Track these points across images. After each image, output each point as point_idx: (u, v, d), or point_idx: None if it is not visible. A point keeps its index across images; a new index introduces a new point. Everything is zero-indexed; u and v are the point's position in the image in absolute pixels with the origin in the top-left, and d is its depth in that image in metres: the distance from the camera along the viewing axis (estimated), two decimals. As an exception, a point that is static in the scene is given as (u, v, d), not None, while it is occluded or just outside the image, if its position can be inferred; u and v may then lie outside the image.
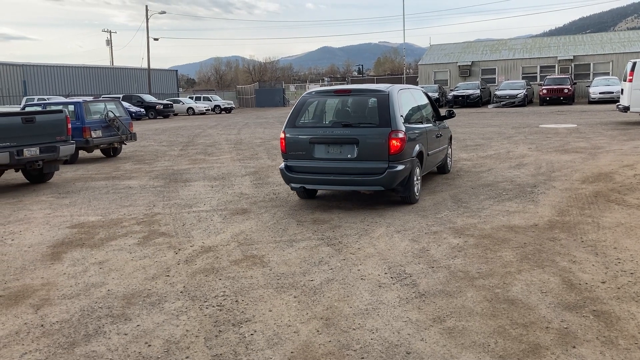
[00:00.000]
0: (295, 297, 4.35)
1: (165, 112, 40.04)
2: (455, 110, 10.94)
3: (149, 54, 47.65)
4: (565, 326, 3.67)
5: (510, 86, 34.97)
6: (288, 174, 7.33)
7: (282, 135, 7.40)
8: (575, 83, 35.78)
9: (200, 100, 48.85)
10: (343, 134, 7.03)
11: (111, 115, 13.95)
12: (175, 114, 42.82)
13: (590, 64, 40.07)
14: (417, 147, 7.41)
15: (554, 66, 40.85)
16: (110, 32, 60.74)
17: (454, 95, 34.95)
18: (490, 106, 34.21)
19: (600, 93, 31.71)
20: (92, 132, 13.33)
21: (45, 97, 33.08)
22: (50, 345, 3.65)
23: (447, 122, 9.94)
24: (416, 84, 44.13)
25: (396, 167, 6.88)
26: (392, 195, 7.84)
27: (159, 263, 5.34)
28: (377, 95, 7.28)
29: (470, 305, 4.08)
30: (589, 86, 33.98)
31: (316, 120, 7.68)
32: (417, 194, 7.56)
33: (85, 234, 6.56)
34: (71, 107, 13.33)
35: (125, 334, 3.78)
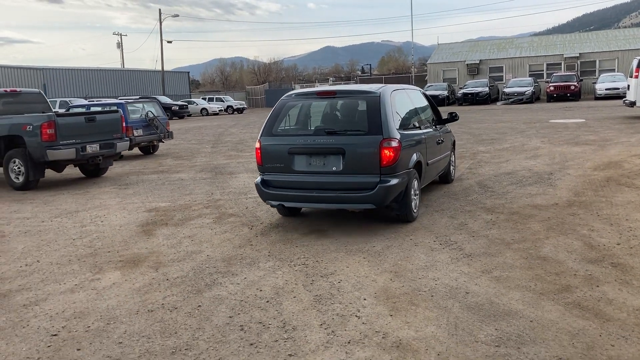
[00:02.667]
0: (364, 258, 5.31)
1: (180, 113, 41.08)
2: (465, 107, 11.45)
3: (162, 56, 48.78)
4: (589, 273, 4.62)
5: (518, 84, 35.84)
6: (264, 189, 6.33)
7: (257, 145, 6.39)
8: (581, 80, 36.61)
9: (213, 101, 49.88)
10: (327, 143, 6.03)
11: (151, 115, 14.96)
12: (189, 115, 43.86)
13: (596, 60, 40.90)
14: (414, 157, 6.43)
15: (560, 63, 41.69)
16: (120, 35, 61.95)
17: (463, 93, 35.84)
18: (498, 103, 35.10)
19: (606, 89, 32.55)
20: (134, 130, 14.33)
21: (67, 99, 34.14)
22: (181, 292, 4.62)
23: (449, 126, 9.15)
24: (425, 82, 45.04)
25: (389, 181, 5.89)
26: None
27: (240, 236, 6.31)
28: (367, 98, 6.27)
29: (510, 261, 5.03)
30: (595, 83, 34.84)
31: (296, 127, 6.66)
32: (415, 210, 6.54)
33: (164, 216, 7.55)
34: (114, 108, 14.31)
35: (238, 284, 4.75)
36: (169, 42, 50.49)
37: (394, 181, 5.95)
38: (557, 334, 3.56)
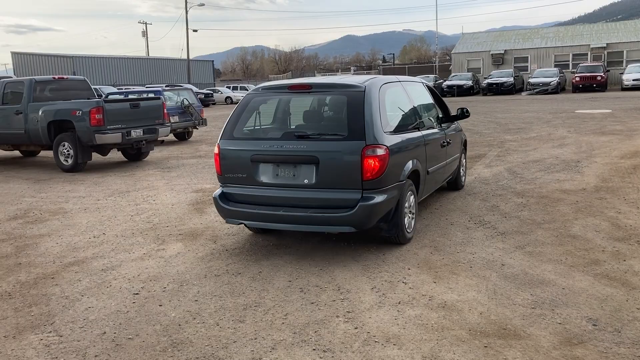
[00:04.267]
0: (405, 234, 5.75)
1: (206, 102, 41.65)
2: (490, 97, 11.31)
3: (188, 44, 49.42)
4: (616, 250, 5.00)
5: (544, 74, 35.71)
6: (223, 205, 5.22)
7: (216, 150, 5.36)
8: (608, 70, 36.33)
9: (237, 89, 50.47)
10: (297, 150, 4.94)
11: (186, 102, 15.52)
12: (214, 103, 44.50)
13: (623, 51, 40.49)
14: (409, 165, 5.31)
15: (586, 54, 41.36)
16: (145, 23, 62.82)
17: (488, 83, 35.86)
18: (523, 93, 35.06)
19: (634, 80, 32.33)
20: (170, 117, 14.89)
21: (96, 87, 34.94)
22: (241, 260, 5.11)
23: (458, 124, 7.71)
24: (449, 72, 45.04)
25: (373, 198, 4.78)
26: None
27: (285, 214, 6.79)
28: (348, 94, 5.09)
29: (541, 239, 5.43)
30: (622, 73, 34.58)
31: (262, 129, 5.50)
32: (409, 230, 5.40)
33: (211, 196, 8.06)
34: (156, 95, 14.88)
35: (292, 254, 5.23)
36: (195, 30, 51.15)
37: (379, 198, 4.80)
38: (587, 299, 3.96)
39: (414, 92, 6.37)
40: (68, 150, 10.80)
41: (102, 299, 4.32)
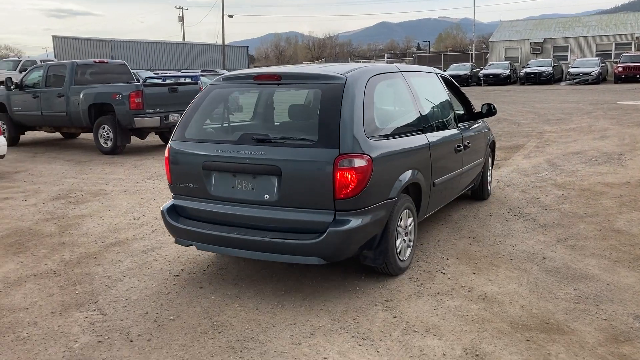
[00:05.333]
0: (442, 225, 5.68)
1: (240, 87, 41.92)
2: (528, 87, 10.48)
3: (223, 30, 49.63)
4: (663, 246, 4.85)
5: (584, 64, 34.73)
6: (171, 221, 4.29)
7: (166, 153, 4.42)
8: (653, 61, 35.06)
9: (270, 75, 50.57)
10: (256, 157, 3.93)
11: (222, 87, 15.62)
12: (248, 89, 44.70)
13: (669, 41, 39.00)
14: (405, 177, 4.26)
15: (630, 43, 40.00)
16: (182, 8, 63.31)
17: (526, 72, 35.07)
18: (562, 83, 34.19)
19: (679, 71, 31.14)
20: (206, 102, 15.02)
21: (133, 71, 35.47)
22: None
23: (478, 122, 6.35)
24: (486, 61, 44.22)
25: (348, 221, 3.76)
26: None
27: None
28: (323, 87, 4.02)
29: (584, 233, 5.30)
30: (667, 64, 33.32)
31: (218, 130, 4.54)
32: (403, 258, 4.35)
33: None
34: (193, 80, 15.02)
35: (328, 241, 5.23)
36: (230, 16, 51.31)
37: (357, 221, 3.76)
38: (633, 296, 3.86)
39: (422, 85, 5.18)
40: (108, 133, 11.01)
41: (143, 279, 4.40)
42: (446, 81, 5.81)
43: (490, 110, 6.19)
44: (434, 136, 4.88)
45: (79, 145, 12.94)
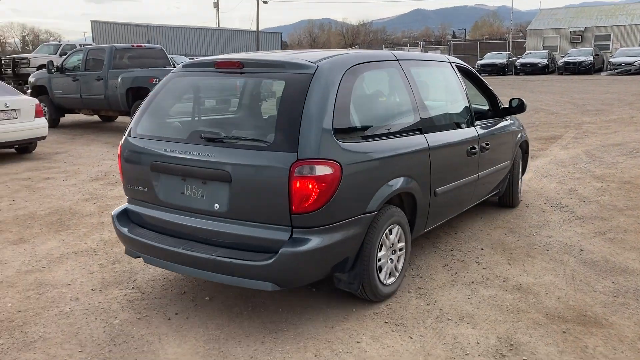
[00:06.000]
0: (477, 214, 5.62)
1: (273, 73, 42.02)
2: (566, 77, 9.47)
3: (258, 16, 49.71)
4: None
5: (627, 53, 33.63)
6: (119, 228, 3.75)
7: (118, 150, 3.88)
8: (699, 51, 33.77)
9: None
10: (205, 160, 3.33)
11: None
12: (281, 75, 44.79)
13: None
14: (390, 186, 3.57)
15: (676, 33, 38.57)
16: (217, -6, 63.56)
17: (565, 61, 34.19)
18: (603, 74, 33.23)
19: None
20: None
21: (169, 56, 35.87)
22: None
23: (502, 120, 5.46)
24: (523, 49, 43.25)
25: (307, 240, 3.14)
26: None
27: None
28: (288, 77, 3.37)
29: (623, 226, 5.18)
30: None
31: (170, 125, 3.84)
32: (387, 282, 3.69)
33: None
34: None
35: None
36: (265, 2, 51.35)
37: (318, 241, 3.14)
38: (675, 291, 3.77)
39: (426, 76, 4.49)
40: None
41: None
42: (465, 72, 5.06)
43: (520, 106, 5.31)
44: (437, 137, 4.11)
45: (116, 128, 13.21)
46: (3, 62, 21.56)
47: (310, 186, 3.07)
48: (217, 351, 3.11)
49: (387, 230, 3.60)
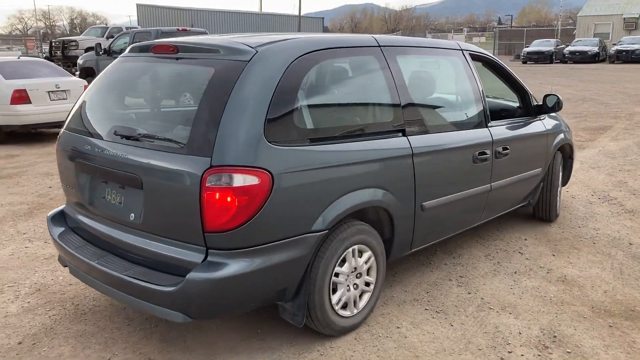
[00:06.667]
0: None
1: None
2: (618, 66, 8.51)
3: (300, 0, 49.62)
4: None
5: (684, 42, 32.19)
6: (51, 230, 3.34)
7: (55, 145, 3.42)
8: None
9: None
10: (120, 160, 2.85)
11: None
12: (322, 61, 44.68)
13: None
14: (350, 200, 2.94)
15: None
16: (260, -22, 63.67)
17: (616, 49, 32.94)
18: (657, 63, 31.89)
19: None
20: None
21: (211, 40, 36.18)
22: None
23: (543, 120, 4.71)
24: (572, 37, 41.87)
25: (222, 266, 2.58)
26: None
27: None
28: (218, 65, 2.79)
29: (676, 221, 5.00)
30: None
31: (101, 118, 3.26)
32: (347, 314, 3.09)
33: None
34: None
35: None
36: (307, -14, 51.07)
37: (239, 266, 2.58)
38: None
39: (420, 67, 3.92)
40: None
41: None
42: (488, 63, 4.33)
43: (558, 104, 4.52)
44: (425, 140, 3.38)
45: (160, 110, 13.44)
46: (53, 44, 22.18)
47: (228, 199, 2.48)
48: (254, 332, 3.16)
49: (346, 252, 2.98)
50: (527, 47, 36.63)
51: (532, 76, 22.24)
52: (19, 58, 10.02)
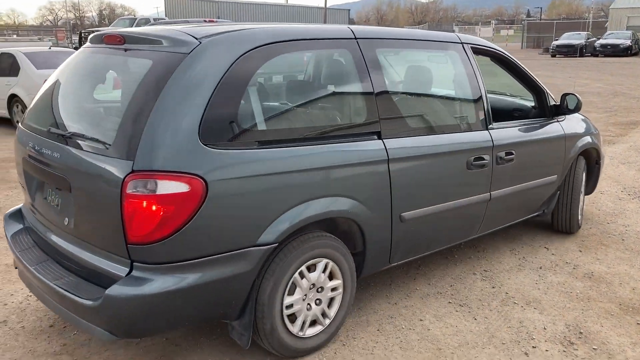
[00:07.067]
0: (547, 199, 5.45)
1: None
2: None
3: (326, -8, 49.45)
4: None
5: None
6: (5, 229, 3.16)
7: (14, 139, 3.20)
8: None
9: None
10: (53, 160, 2.65)
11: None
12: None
13: None
14: (306, 210, 2.62)
15: None
16: (286, -30, 63.60)
17: (649, 43, 32.18)
18: (692, 57, 31.03)
19: None
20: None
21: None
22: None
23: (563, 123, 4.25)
24: (604, 29, 40.95)
25: (145, 282, 2.31)
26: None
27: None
28: (156, 57, 2.53)
29: None
30: None
31: (50, 113, 2.97)
32: (304, 336, 2.80)
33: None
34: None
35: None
36: (333, -22, 50.86)
37: (161, 283, 2.32)
38: None
39: (405, 61, 3.59)
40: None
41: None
42: (494, 57, 3.91)
43: (577, 104, 4.06)
44: (405, 144, 3.02)
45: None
46: (82, 35, 22.53)
47: (153, 208, 2.23)
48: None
49: (304, 267, 2.69)
50: (557, 40, 35.93)
51: (561, 70, 21.84)
52: (50, 48, 10.21)
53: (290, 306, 2.68)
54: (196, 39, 2.49)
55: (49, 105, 2.97)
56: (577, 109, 4.08)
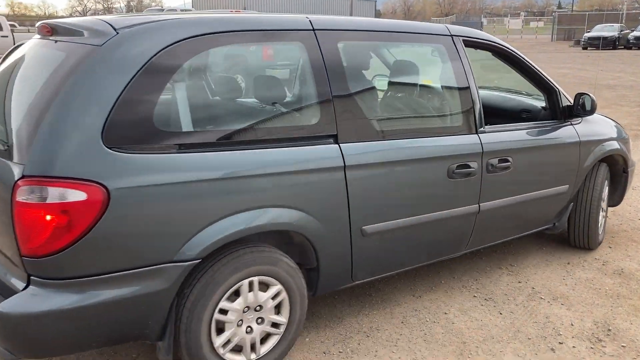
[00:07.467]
0: (576, 194, 5.36)
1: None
2: None
3: (352, -17, 49.15)
4: None
5: None
6: None
7: None
8: None
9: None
10: None
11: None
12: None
13: None
14: (238, 222, 2.34)
15: None
16: (312, -39, 63.34)
17: (684, 35, 31.22)
18: None
19: None
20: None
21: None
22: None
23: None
24: (638, 22, 39.87)
25: (41, 298, 2.09)
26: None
27: None
28: (71, 50, 2.31)
29: None
30: None
31: None
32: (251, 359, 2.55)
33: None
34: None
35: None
36: (360, -31, 50.54)
37: (57, 301, 2.09)
38: None
39: (373, 57, 3.37)
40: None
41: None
42: (496, 52, 3.46)
43: (593, 106, 3.59)
44: (368, 148, 2.70)
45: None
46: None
47: (47, 218, 2.01)
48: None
49: (238, 285, 2.41)
50: (588, 32, 35.13)
51: (593, 62, 21.37)
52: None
53: (222, 328, 2.42)
54: (114, 29, 2.25)
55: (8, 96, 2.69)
56: (592, 110, 3.61)
